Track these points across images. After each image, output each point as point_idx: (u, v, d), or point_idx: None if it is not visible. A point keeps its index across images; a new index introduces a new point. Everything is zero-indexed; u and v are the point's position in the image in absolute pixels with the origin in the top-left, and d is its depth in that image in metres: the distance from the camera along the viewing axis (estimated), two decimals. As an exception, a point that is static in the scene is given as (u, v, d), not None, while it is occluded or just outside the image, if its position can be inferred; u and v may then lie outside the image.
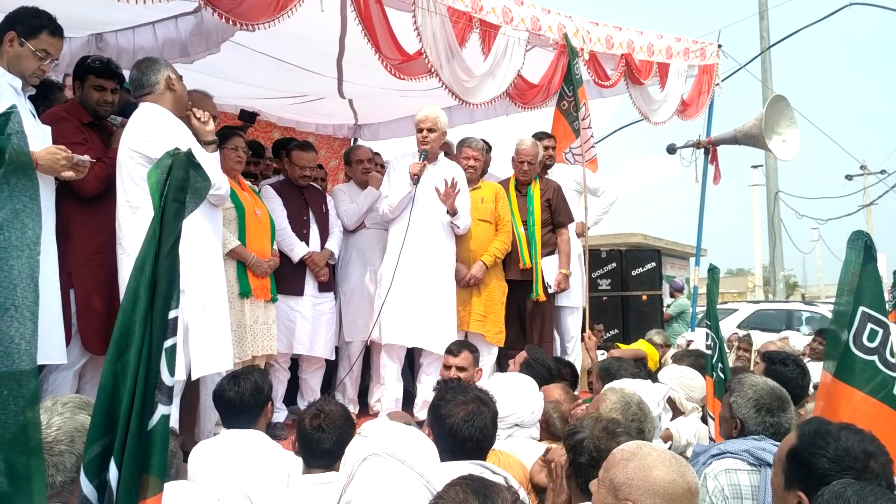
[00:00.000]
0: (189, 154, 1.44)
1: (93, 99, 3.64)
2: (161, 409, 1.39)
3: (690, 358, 4.20)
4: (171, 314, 1.41)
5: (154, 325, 1.38)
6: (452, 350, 4.01)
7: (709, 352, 3.42)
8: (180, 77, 3.64)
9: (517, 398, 3.07)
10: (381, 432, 2.12)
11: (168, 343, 1.41)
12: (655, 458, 1.81)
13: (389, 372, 4.65)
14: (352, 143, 7.91)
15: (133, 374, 1.36)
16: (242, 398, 2.84)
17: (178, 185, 1.40)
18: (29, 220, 1.32)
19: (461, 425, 2.24)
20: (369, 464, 1.98)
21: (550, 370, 3.93)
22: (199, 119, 3.66)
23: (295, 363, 4.89)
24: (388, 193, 4.78)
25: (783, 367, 3.49)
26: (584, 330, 5.40)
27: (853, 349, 2.41)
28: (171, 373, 1.42)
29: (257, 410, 2.88)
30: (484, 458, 2.30)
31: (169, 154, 1.42)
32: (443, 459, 2.18)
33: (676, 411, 3.83)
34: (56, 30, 3.19)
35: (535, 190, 5.34)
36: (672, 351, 6.04)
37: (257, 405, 2.87)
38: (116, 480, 1.34)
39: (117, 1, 3.19)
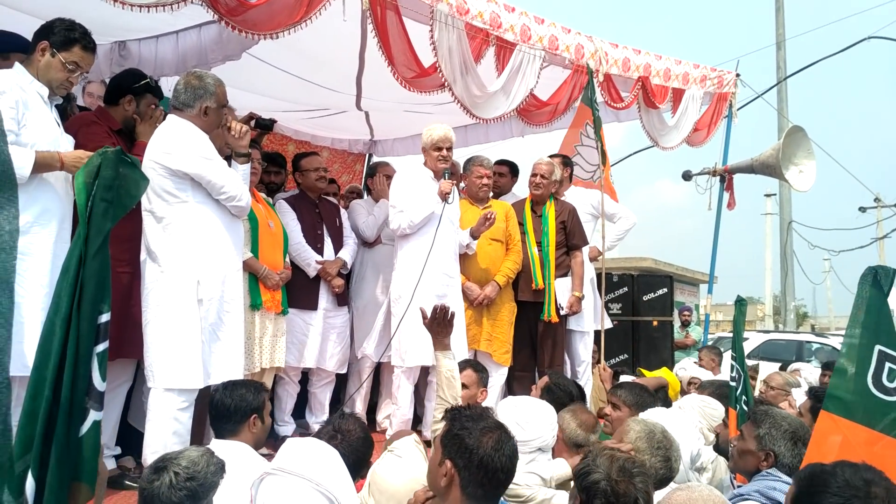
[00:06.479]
0: (118, 153, 1.37)
1: (146, 114, 3.83)
2: (93, 415, 1.33)
3: (712, 388, 4.12)
4: (103, 318, 1.34)
5: (81, 329, 1.30)
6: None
7: (733, 384, 3.37)
8: (221, 107, 3.58)
9: (539, 422, 3.05)
10: (282, 451, 2.12)
11: (99, 348, 1.33)
12: (704, 494, 1.94)
13: (404, 393, 4.54)
14: (367, 159, 7.94)
15: (52, 380, 1.28)
16: (224, 404, 2.86)
17: (105, 185, 1.35)
18: (5, 221, 1.25)
19: (493, 455, 2.12)
20: (266, 484, 1.99)
21: (572, 395, 3.86)
22: (236, 132, 3.66)
23: (306, 377, 4.86)
24: (404, 208, 4.58)
25: None
26: (600, 358, 5.28)
27: (873, 391, 2.31)
28: (104, 378, 1.34)
29: (238, 419, 2.84)
30: (507, 486, 2.24)
31: (98, 153, 1.36)
32: (468, 491, 2.10)
33: None
34: (89, 44, 3.23)
35: (551, 211, 5.31)
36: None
37: (238, 413, 2.84)
38: (33, 491, 1.27)
39: (139, 11, 3.19)
